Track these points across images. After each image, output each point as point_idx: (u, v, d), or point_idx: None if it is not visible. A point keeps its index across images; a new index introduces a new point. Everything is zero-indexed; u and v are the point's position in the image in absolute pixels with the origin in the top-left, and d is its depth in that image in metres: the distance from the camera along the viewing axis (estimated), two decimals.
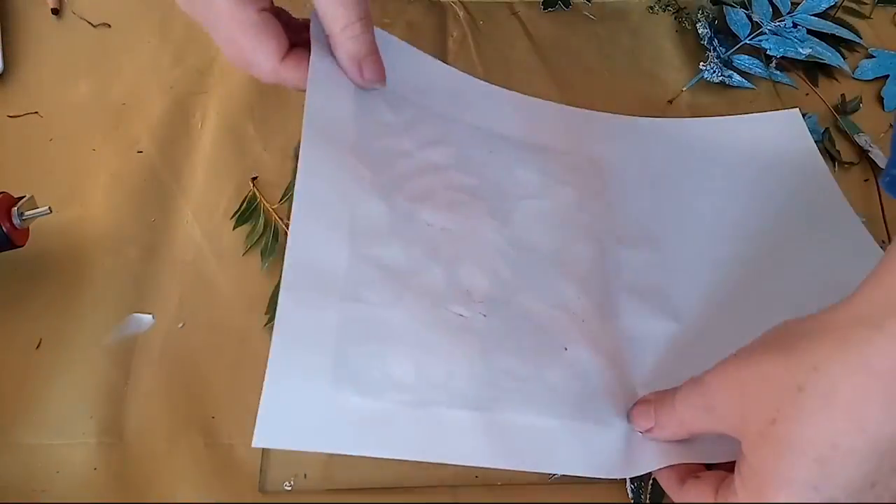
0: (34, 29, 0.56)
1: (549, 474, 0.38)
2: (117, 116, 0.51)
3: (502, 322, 0.38)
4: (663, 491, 0.37)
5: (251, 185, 0.48)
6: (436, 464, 0.38)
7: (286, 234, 0.46)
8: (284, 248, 0.44)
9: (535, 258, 0.42)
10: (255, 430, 0.29)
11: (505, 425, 0.34)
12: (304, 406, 0.30)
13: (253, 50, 0.36)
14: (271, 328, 0.42)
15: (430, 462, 0.32)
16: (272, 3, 0.38)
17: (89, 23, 0.57)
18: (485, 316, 0.37)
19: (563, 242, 0.44)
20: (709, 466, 0.34)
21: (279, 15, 0.38)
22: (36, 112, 0.52)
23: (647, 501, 0.37)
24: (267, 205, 0.47)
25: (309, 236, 0.35)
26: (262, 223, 0.46)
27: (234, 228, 0.47)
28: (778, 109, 0.53)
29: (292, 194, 0.46)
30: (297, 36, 0.38)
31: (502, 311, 0.38)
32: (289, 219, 0.45)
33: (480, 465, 0.33)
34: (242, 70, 0.38)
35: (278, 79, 0.38)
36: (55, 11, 0.57)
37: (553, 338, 0.39)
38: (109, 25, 0.57)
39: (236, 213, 0.47)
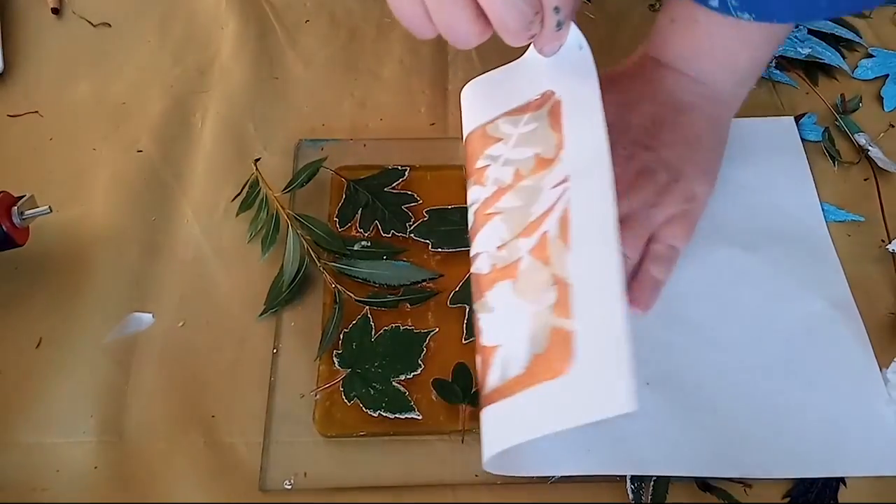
0: (34, 29, 0.56)
1: (548, 476, 0.38)
2: (117, 116, 0.51)
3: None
4: (665, 491, 0.38)
5: (254, 167, 0.48)
6: (435, 463, 0.38)
7: (287, 222, 0.45)
8: (285, 238, 0.44)
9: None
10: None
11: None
12: None
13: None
14: (265, 319, 0.42)
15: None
16: None
17: (89, 22, 0.57)
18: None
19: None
20: None
21: None
22: (36, 112, 0.52)
23: (649, 501, 0.37)
24: (269, 191, 0.47)
25: None
26: (265, 213, 0.46)
27: (236, 215, 0.47)
28: (778, 108, 0.53)
29: (294, 186, 0.46)
30: None
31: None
32: (290, 208, 0.46)
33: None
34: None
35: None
36: (55, 11, 0.57)
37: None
38: (109, 25, 0.57)
39: (237, 196, 0.47)
